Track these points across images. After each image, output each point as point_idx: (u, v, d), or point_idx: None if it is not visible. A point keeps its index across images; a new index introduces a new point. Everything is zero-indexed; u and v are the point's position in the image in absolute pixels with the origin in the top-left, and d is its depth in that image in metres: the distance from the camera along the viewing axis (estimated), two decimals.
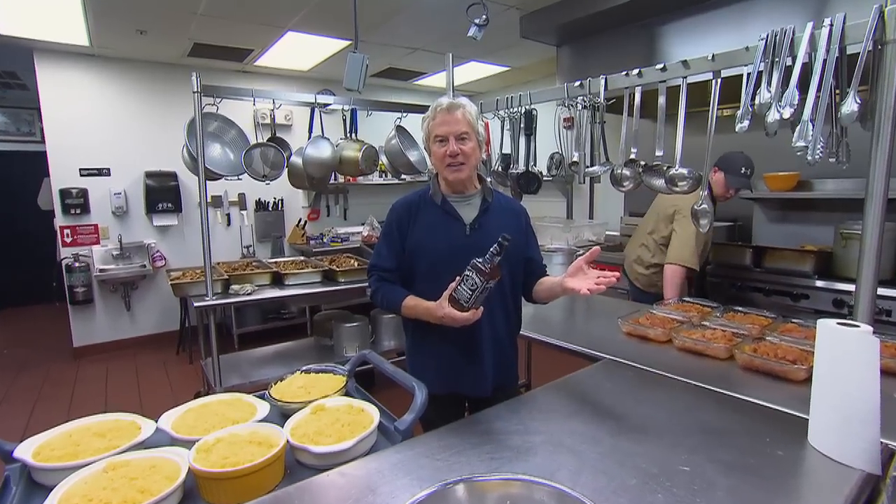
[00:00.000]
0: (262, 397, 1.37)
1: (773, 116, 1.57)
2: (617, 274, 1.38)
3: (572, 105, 2.32)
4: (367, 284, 1.64)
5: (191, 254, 4.78)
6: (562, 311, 2.44)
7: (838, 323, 1.12)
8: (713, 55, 1.78)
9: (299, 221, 5.42)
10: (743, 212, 3.50)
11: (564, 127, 2.59)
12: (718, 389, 1.44)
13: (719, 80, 1.81)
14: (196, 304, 2.75)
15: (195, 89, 2.65)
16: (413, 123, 3.49)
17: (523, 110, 2.56)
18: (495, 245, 1.29)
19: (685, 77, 1.88)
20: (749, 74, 1.65)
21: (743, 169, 2.48)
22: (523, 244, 1.60)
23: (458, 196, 1.58)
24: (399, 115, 3.41)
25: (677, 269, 2.57)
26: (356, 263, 3.46)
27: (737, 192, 2.58)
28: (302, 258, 3.76)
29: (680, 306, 2.21)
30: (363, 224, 5.42)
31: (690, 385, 1.48)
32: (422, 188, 1.63)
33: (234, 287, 2.98)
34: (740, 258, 3.02)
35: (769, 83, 1.61)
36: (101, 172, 4.48)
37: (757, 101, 1.61)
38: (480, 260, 1.29)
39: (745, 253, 3.01)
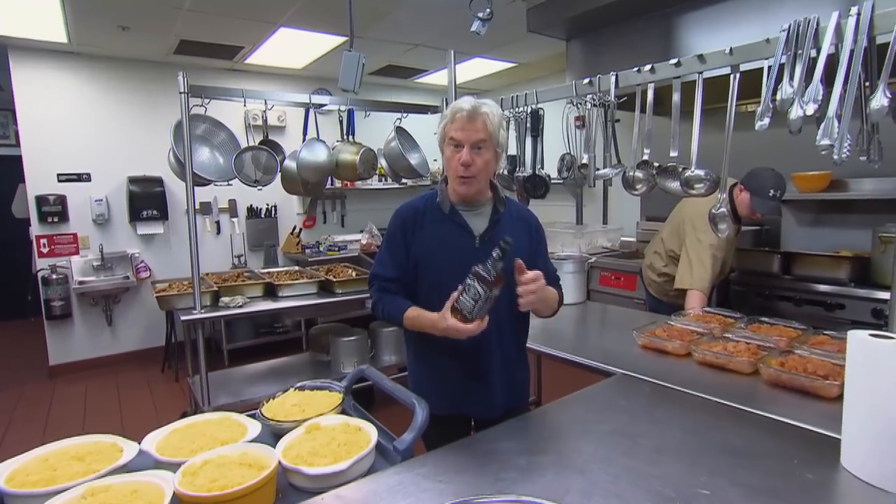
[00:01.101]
0: (253, 416, 1.38)
1: (795, 113, 1.59)
2: (536, 278, 1.38)
3: (581, 103, 2.35)
4: (367, 295, 1.66)
5: (178, 264, 4.83)
6: (573, 323, 2.44)
7: (871, 334, 1.12)
8: (731, 48, 1.80)
9: (294, 229, 5.45)
10: (770, 215, 3.49)
11: (576, 126, 2.61)
12: (742, 407, 1.44)
13: (738, 75, 1.82)
14: (183, 318, 2.78)
15: (182, 89, 2.69)
16: (414, 124, 3.54)
17: (529, 109, 2.59)
18: (496, 250, 1.29)
19: (701, 72, 1.90)
20: (770, 68, 1.67)
21: (771, 192, 2.36)
22: (533, 254, 1.61)
23: (467, 205, 1.58)
24: (399, 115, 3.44)
25: (697, 295, 2.45)
26: (354, 273, 3.48)
27: (762, 216, 2.51)
28: (297, 268, 3.79)
29: (700, 317, 2.21)
30: (362, 231, 5.44)
31: (711, 402, 1.48)
32: (428, 192, 1.65)
33: (225, 299, 3.00)
34: (767, 265, 3.02)
35: (791, 77, 1.62)
36: (81, 178, 4.55)
37: (778, 97, 1.63)
38: (482, 267, 1.29)
39: (773, 259, 3.01)
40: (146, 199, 4.65)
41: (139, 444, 1.22)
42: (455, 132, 1.49)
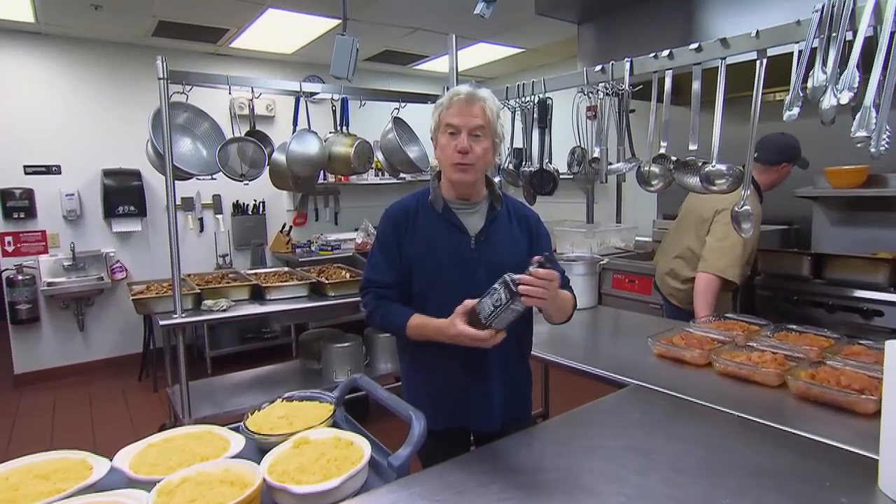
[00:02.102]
0: (236, 429, 1.38)
1: (828, 102, 1.58)
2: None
3: (593, 92, 2.35)
4: (360, 301, 1.66)
5: (156, 264, 4.83)
6: (583, 329, 2.44)
7: None
8: (757, 31, 1.79)
9: (283, 227, 5.47)
10: (799, 213, 3.50)
11: (587, 117, 2.61)
12: (768, 423, 1.43)
13: (765, 61, 1.82)
14: (162, 323, 2.78)
15: (161, 75, 2.69)
16: (413, 114, 3.53)
17: (537, 99, 2.59)
18: (535, 265, 1.31)
19: (724, 58, 1.89)
20: (800, 53, 1.66)
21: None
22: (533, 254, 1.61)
23: (462, 203, 1.60)
24: (397, 105, 3.44)
25: (712, 280, 2.50)
26: (348, 275, 3.48)
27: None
28: (286, 269, 3.79)
29: (721, 324, 2.21)
30: (356, 230, 5.46)
31: (734, 417, 1.48)
32: (419, 190, 1.65)
33: (208, 302, 3.00)
34: (796, 267, 3.01)
35: (824, 62, 1.61)
36: (51, 170, 4.56)
37: (810, 85, 1.62)
38: (516, 277, 1.31)
39: (803, 261, 3.00)
40: (122, 194, 4.66)
41: (111, 460, 1.21)
42: (452, 117, 1.50)
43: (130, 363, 4.83)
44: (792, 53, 1.69)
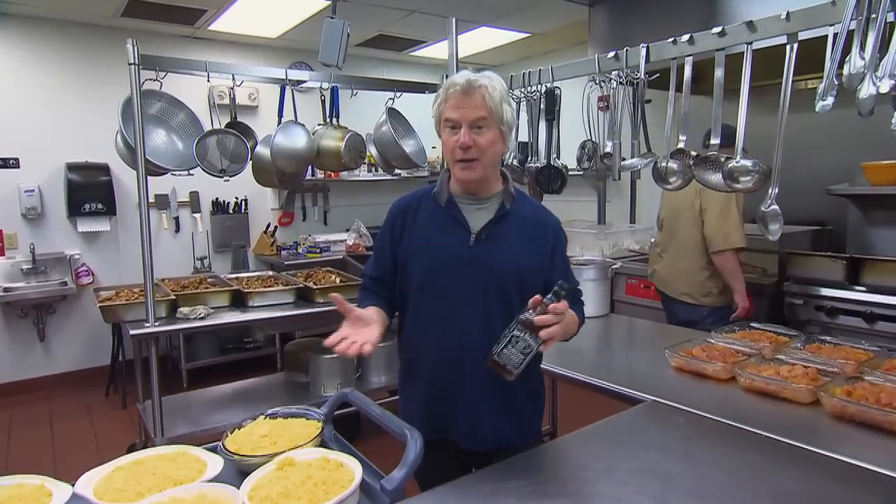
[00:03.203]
0: (214, 450, 1.38)
1: (867, 90, 1.58)
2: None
3: (606, 81, 2.35)
4: (356, 303, 1.68)
5: (127, 268, 4.83)
6: (594, 340, 2.45)
7: None
8: (787, 13, 1.80)
9: (267, 227, 5.47)
10: (833, 212, 3.50)
11: (599, 108, 2.62)
12: (799, 444, 1.43)
13: (796, 46, 1.82)
14: (133, 333, 2.77)
15: (132, 60, 2.69)
16: (409, 105, 3.54)
17: (544, 89, 2.59)
18: (550, 296, 1.33)
19: (751, 43, 1.90)
20: (836, 36, 1.66)
21: None
22: (546, 268, 1.61)
23: (469, 197, 1.61)
24: (392, 94, 3.45)
25: (731, 256, 2.89)
26: (338, 280, 3.49)
27: None
28: (270, 273, 3.80)
29: (747, 334, 2.21)
30: (348, 231, 5.46)
31: (760, 437, 1.48)
32: (428, 186, 1.68)
33: (184, 310, 3.00)
34: (830, 272, 3.02)
35: (862, 47, 1.61)
36: (8, 164, 4.55)
37: (846, 72, 1.62)
38: (535, 318, 1.32)
39: (837, 266, 3.01)
40: (89, 191, 4.65)
41: (73, 485, 1.21)
42: (450, 111, 1.51)
43: (96, 377, 4.81)
44: (826, 37, 1.69)
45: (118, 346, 4.69)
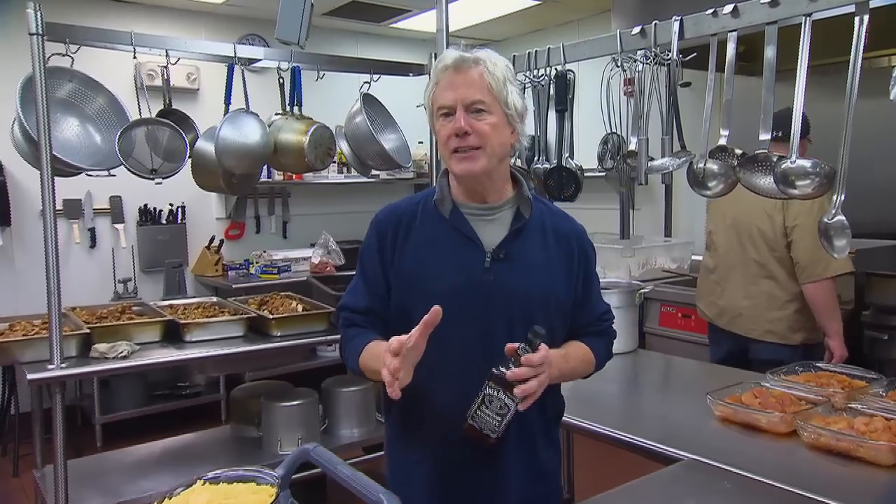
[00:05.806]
0: None
1: None
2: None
3: (631, 62, 2.37)
4: (319, 339, 1.68)
5: (25, 293, 4.68)
6: (619, 383, 2.45)
7: None
8: None
9: (211, 242, 5.42)
10: None
11: (624, 93, 2.63)
12: None
13: (866, 17, 1.81)
14: (32, 377, 2.70)
15: (34, 29, 2.64)
16: (389, 90, 3.55)
17: (555, 72, 2.61)
18: (522, 344, 1.34)
19: (810, 14, 1.89)
20: None
21: None
22: (575, 293, 1.62)
23: (477, 206, 1.59)
24: (368, 77, 3.45)
25: (828, 286, 2.75)
26: (301, 307, 3.45)
27: None
28: (214, 300, 3.77)
29: (813, 377, 2.18)
30: (313, 246, 5.42)
31: None
32: (423, 192, 1.68)
33: (100, 347, 2.96)
34: None
35: None
36: None
37: None
38: (503, 371, 1.34)
39: None
40: None
41: None
42: (441, 95, 1.50)
43: None
44: None
45: (9, 395, 4.57)
